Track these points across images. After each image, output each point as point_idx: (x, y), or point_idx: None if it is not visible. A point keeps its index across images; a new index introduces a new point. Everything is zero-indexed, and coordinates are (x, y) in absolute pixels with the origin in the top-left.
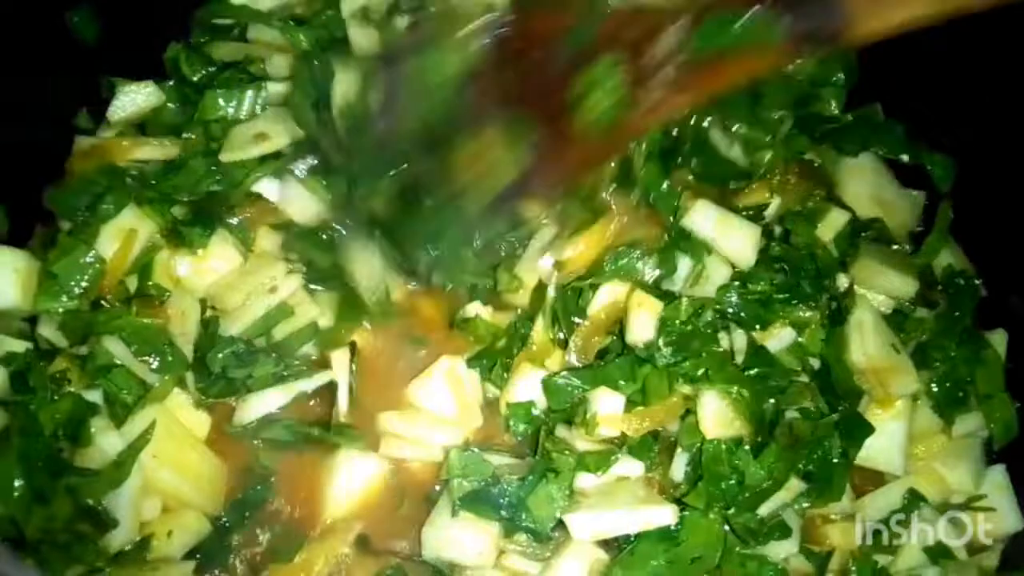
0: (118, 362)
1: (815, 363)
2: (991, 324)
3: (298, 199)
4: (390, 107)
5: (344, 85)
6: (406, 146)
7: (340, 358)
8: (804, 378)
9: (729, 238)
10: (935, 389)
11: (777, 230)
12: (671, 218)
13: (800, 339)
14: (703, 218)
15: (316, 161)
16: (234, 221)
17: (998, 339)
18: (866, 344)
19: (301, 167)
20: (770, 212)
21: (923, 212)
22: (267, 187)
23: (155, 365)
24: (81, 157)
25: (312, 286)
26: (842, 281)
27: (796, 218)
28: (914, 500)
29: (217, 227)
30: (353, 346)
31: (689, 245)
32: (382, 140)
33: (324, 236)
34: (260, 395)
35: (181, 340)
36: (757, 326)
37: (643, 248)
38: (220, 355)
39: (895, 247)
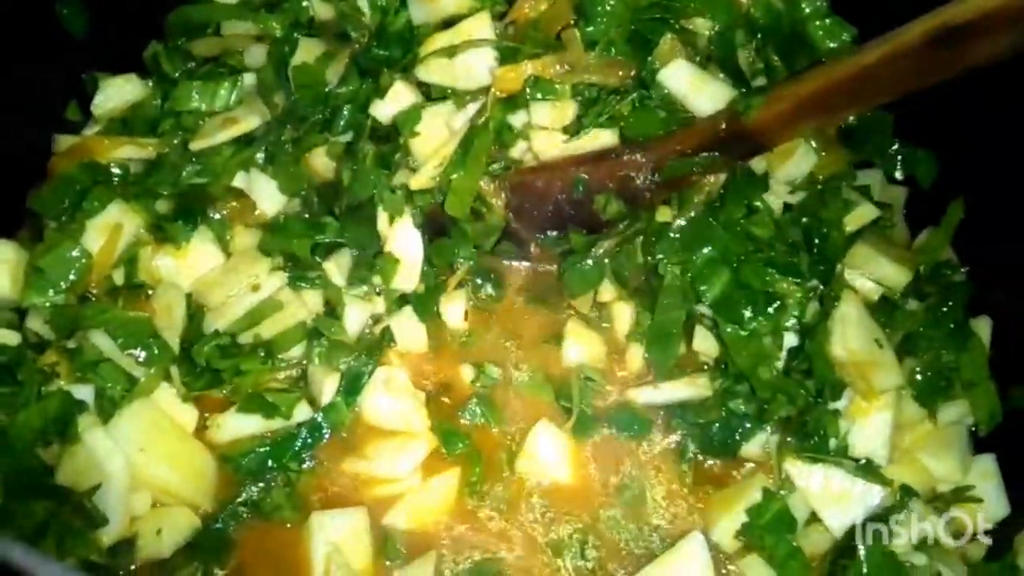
0: (106, 356)
1: (791, 340)
2: (973, 312)
3: (264, 188)
4: None
5: (304, 51)
6: None
7: (330, 383)
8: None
9: (701, 95)
10: (919, 378)
11: (793, 198)
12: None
13: (771, 311)
14: (676, 72)
15: (275, 146)
16: (216, 216)
17: (982, 327)
18: (848, 338)
19: (261, 154)
20: (800, 171)
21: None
22: (244, 181)
23: (142, 358)
24: (62, 156)
25: (300, 284)
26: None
27: (832, 198)
28: (905, 496)
29: (199, 223)
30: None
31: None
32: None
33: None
34: (238, 417)
35: (168, 333)
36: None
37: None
38: (206, 348)
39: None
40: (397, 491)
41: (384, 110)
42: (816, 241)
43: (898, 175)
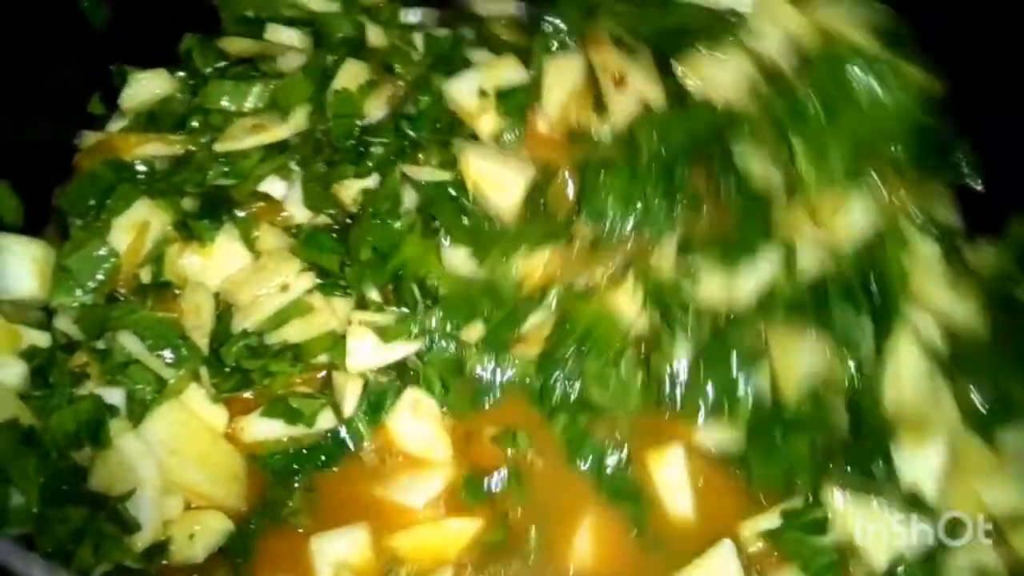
0: (135, 358)
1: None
2: None
3: (295, 195)
4: None
5: (347, 75)
6: None
7: (352, 391)
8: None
9: None
10: (976, 403)
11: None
12: None
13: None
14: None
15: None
16: (242, 214)
17: None
18: (902, 379)
19: (296, 162)
20: (864, 221)
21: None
22: (273, 186)
23: (171, 359)
24: (88, 153)
25: (332, 292)
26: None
27: (891, 239)
28: (955, 528)
29: (225, 222)
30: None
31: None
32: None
33: (329, 235)
34: (262, 421)
35: (196, 334)
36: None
37: None
38: (234, 348)
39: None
40: (411, 518)
41: (419, 175)
42: (873, 282)
43: (977, 186)
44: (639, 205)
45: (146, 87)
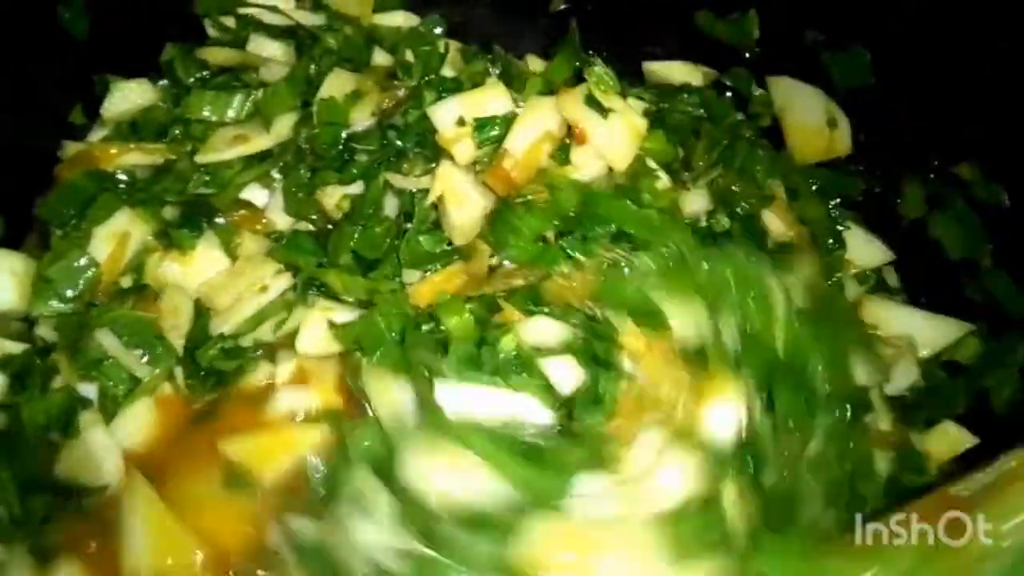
0: (110, 355)
1: None
2: None
3: (277, 202)
4: None
5: (333, 84)
6: None
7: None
8: None
9: None
10: None
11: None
12: None
13: None
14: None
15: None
16: (222, 221)
17: None
18: None
19: (277, 170)
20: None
21: None
22: (254, 193)
23: (145, 359)
24: (69, 164)
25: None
26: None
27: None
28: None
29: (205, 230)
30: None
31: None
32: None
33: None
34: None
35: (173, 334)
36: None
37: None
38: (210, 351)
39: None
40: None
41: (402, 184)
42: None
43: None
44: (539, 246)
45: (128, 97)
